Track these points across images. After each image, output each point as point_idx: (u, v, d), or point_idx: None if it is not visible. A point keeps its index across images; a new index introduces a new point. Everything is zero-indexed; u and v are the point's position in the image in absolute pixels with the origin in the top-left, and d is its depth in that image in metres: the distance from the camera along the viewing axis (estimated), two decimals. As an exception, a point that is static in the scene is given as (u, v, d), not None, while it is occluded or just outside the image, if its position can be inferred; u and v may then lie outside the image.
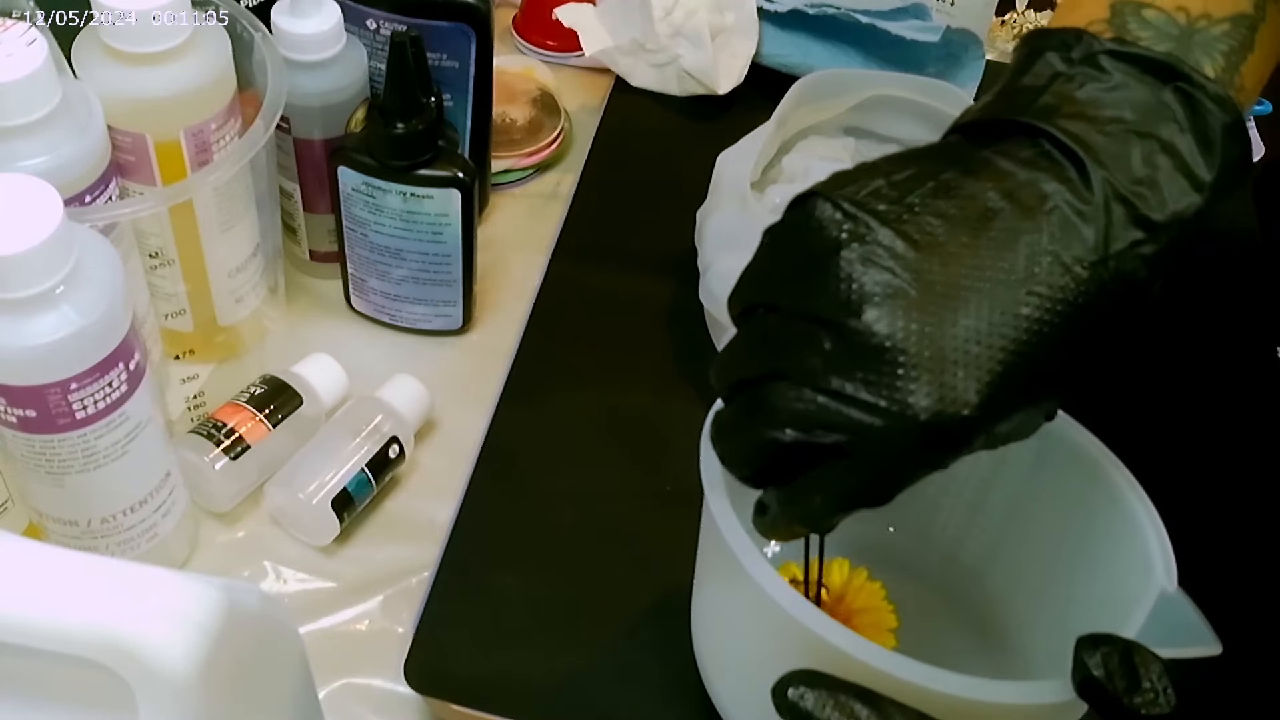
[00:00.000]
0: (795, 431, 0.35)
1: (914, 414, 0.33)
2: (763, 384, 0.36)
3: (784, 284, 0.36)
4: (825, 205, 0.35)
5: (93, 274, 0.43)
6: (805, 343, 0.35)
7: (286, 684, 0.37)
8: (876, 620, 0.49)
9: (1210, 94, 0.37)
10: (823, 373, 0.34)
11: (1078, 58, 0.38)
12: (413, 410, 0.58)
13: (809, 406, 0.35)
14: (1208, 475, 0.59)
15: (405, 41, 0.54)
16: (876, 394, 0.34)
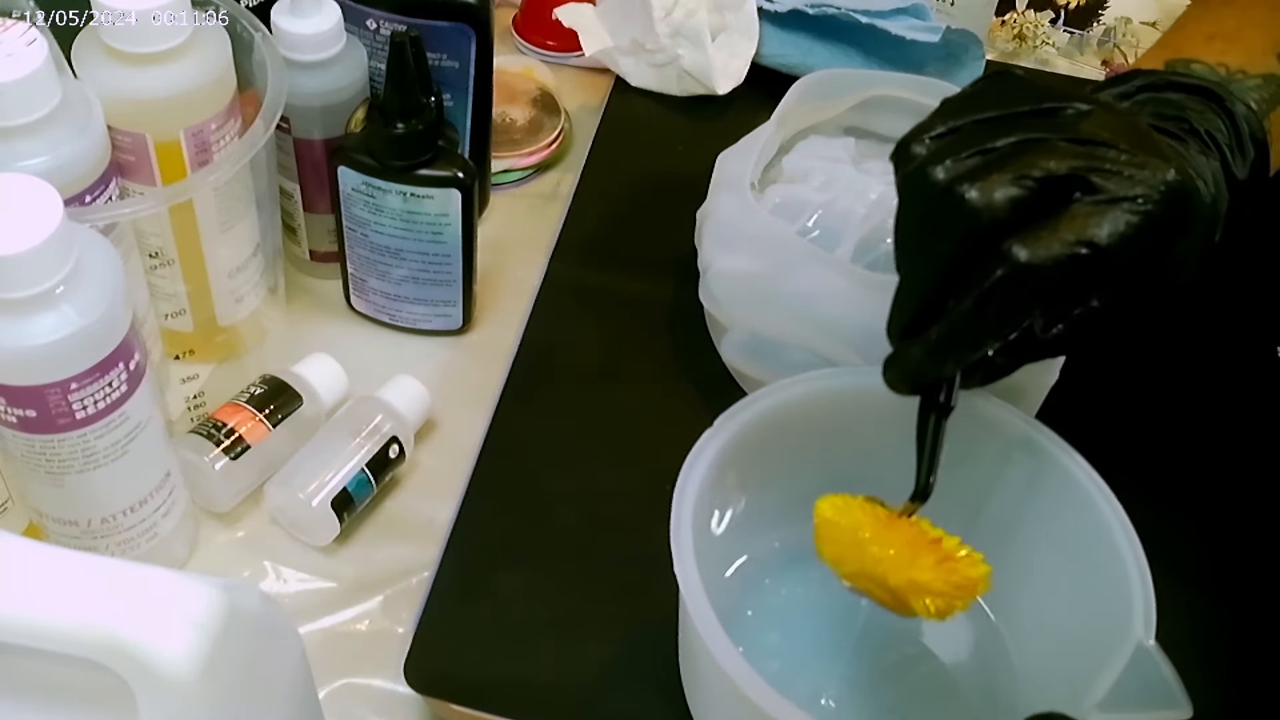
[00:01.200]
0: (1075, 161, 0.39)
1: (1168, 175, 0.39)
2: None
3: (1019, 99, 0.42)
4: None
5: (93, 274, 0.43)
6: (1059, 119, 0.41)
7: (286, 684, 0.37)
8: (970, 567, 0.44)
9: (1242, 112, 0.46)
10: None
11: (1140, 84, 0.47)
12: (413, 410, 0.58)
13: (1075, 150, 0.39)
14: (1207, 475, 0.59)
15: (405, 41, 0.54)
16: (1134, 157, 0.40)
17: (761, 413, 0.46)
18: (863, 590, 0.45)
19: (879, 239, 0.59)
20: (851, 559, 0.44)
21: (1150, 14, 0.90)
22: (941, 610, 0.42)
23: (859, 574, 0.44)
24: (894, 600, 0.43)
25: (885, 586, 0.43)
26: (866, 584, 0.44)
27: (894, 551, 0.42)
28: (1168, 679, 0.39)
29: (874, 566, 0.43)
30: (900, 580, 0.42)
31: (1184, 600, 0.44)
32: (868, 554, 0.43)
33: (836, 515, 0.44)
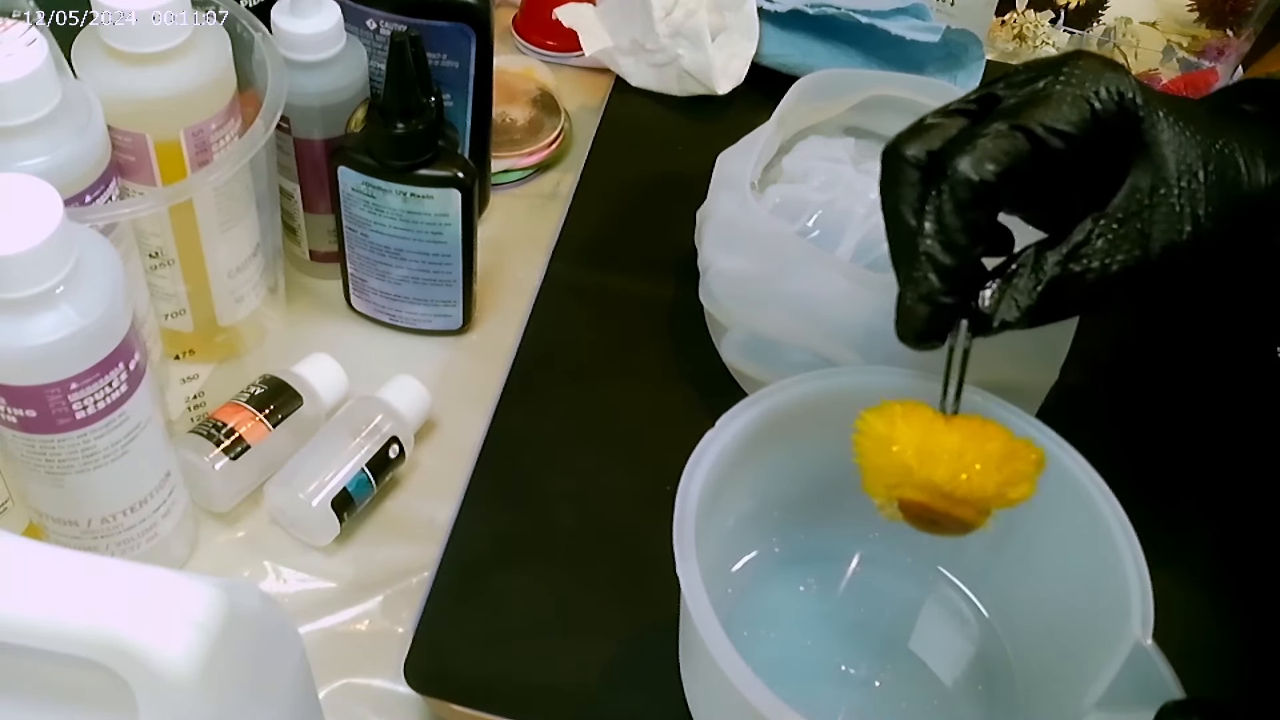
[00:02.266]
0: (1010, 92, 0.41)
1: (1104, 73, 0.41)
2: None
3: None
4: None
5: (93, 274, 0.43)
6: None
7: (286, 684, 0.37)
8: (1023, 465, 0.43)
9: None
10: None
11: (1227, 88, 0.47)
12: (413, 410, 0.58)
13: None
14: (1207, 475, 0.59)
15: (405, 41, 0.54)
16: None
17: (762, 413, 0.46)
18: (913, 503, 0.43)
19: (879, 239, 0.58)
20: (925, 466, 0.42)
21: (1150, 14, 0.90)
22: (1018, 496, 0.42)
23: (923, 483, 0.42)
24: (946, 497, 0.42)
25: (939, 485, 0.42)
26: (918, 489, 0.42)
27: (983, 464, 0.42)
28: (1165, 678, 0.39)
29: (932, 461, 0.42)
30: (961, 477, 0.42)
31: (1182, 599, 0.44)
32: (926, 449, 0.42)
33: (893, 418, 0.43)
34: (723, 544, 0.50)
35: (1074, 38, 0.89)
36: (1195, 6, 0.88)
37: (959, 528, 0.43)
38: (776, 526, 0.52)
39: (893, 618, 0.52)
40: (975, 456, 0.42)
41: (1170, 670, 0.39)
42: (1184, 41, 0.88)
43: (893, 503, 0.43)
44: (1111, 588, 0.43)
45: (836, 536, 0.53)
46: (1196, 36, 0.88)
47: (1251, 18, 0.84)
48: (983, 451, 0.42)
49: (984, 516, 0.43)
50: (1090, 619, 0.44)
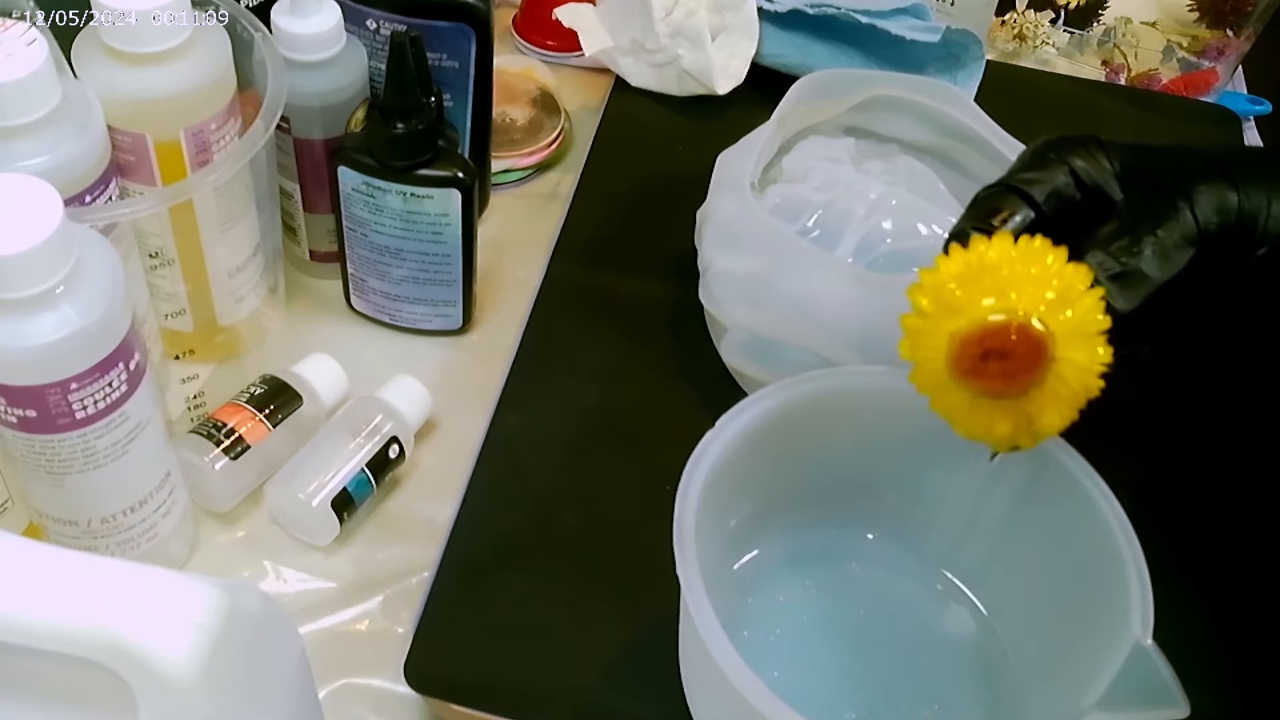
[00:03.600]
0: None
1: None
2: None
3: None
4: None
5: (93, 274, 0.43)
6: None
7: (286, 684, 0.37)
8: (1086, 319, 0.39)
9: None
10: None
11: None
12: (413, 410, 0.58)
13: None
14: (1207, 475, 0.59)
15: (405, 41, 0.54)
16: None
17: (763, 413, 0.46)
18: (966, 342, 0.40)
19: (879, 239, 0.59)
20: (979, 295, 0.40)
21: (1150, 14, 0.90)
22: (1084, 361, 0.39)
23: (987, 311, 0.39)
24: (1022, 335, 0.39)
25: (1027, 325, 0.39)
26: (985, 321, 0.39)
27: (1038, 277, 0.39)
28: (1165, 678, 0.39)
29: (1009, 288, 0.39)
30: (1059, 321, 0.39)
31: (1182, 600, 0.44)
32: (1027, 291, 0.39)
33: (956, 265, 0.40)
34: (723, 544, 0.50)
35: (1074, 38, 0.89)
36: (1195, 6, 0.88)
37: (1020, 380, 0.39)
38: (777, 526, 0.52)
39: (893, 618, 0.52)
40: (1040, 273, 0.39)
41: (1170, 670, 0.39)
42: (1184, 41, 0.88)
43: (947, 357, 0.40)
44: (1111, 588, 0.43)
45: (836, 536, 0.53)
46: (1196, 36, 0.88)
47: (1251, 18, 0.84)
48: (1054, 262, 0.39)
49: (1038, 356, 0.39)
50: (1090, 619, 0.44)
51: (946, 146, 0.65)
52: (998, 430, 0.41)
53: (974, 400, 0.41)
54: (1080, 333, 0.39)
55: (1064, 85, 0.84)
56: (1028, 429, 0.41)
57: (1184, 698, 0.38)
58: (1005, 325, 0.39)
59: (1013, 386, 0.40)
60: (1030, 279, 0.39)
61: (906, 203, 0.59)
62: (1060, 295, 0.39)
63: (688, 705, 0.47)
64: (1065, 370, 0.39)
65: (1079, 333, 0.39)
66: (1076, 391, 0.40)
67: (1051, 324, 0.39)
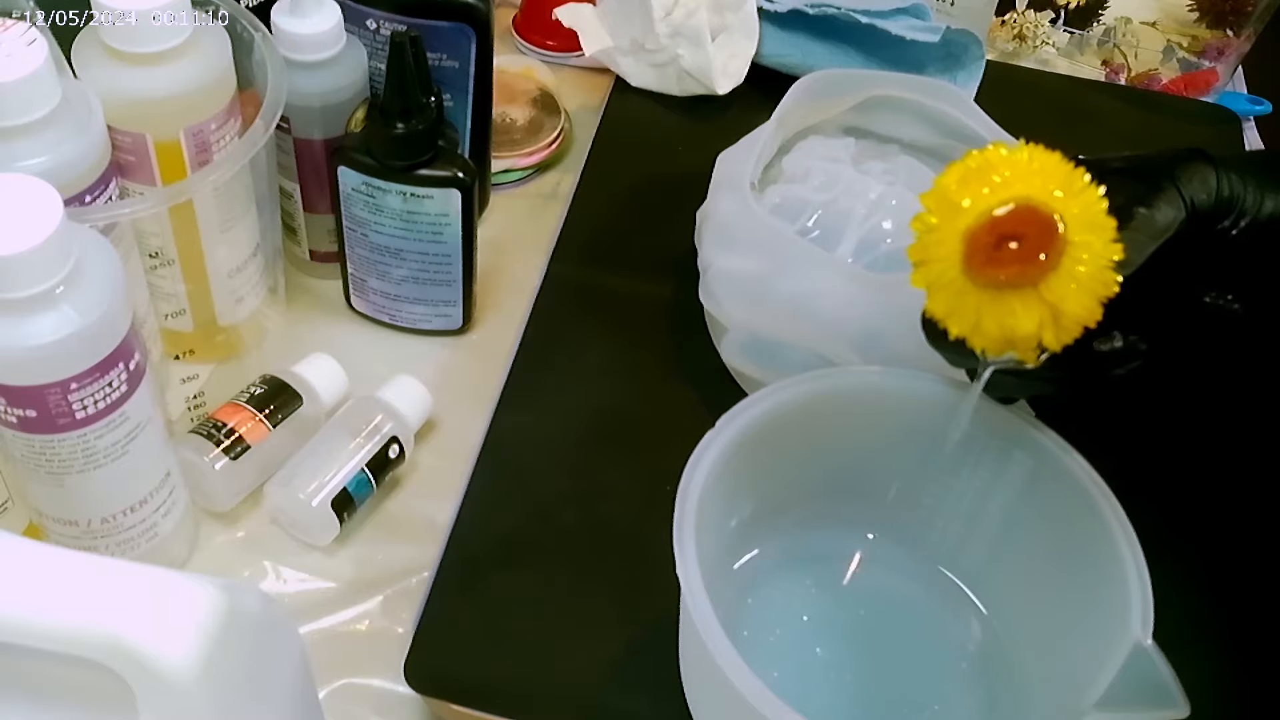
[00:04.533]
0: None
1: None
2: None
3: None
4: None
5: (93, 274, 0.43)
6: None
7: (286, 684, 0.37)
8: (1093, 209, 0.39)
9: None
10: None
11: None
12: (413, 410, 0.58)
13: None
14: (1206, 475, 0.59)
15: (405, 41, 0.54)
16: None
17: (762, 413, 0.46)
18: (979, 228, 0.39)
19: (879, 239, 0.59)
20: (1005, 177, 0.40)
21: (1150, 14, 0.90)
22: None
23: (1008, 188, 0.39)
24: (1043, 212, 0.39)
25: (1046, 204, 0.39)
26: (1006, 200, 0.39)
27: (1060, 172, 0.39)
28: (1165, 678, 0.39)
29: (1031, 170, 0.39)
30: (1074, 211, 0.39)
31: (1182, 600, 0.44)
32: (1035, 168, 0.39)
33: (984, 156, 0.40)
34: (723, 544, 0.50)
35: (1074, 38, 0.89)
36: (1195, 6, 0.88)
37: (1038, 262, 0.39)
38: (777, 526, 0.52)
39: (893, 618, 0.52)
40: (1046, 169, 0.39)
41: (1170, 670, 0.39)
42: (1184, 41, 0.88)
43: (961, 262, 0.40)
44: (1111, 588, 0.43)
45: (837, 536, 0.53)
46: (1196, 36, 0.88)
47: (1251, 18, 0.84)
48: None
49: (1054, 238, 0.39)
50: (1090, 619, 0.44)
51: (946, 146, 0.65)
52: (1022, 327, 0.40)
53: (994, 299, 0.40)
54: (1089, 221, 0.39)
55: (1064, 85, 0.84)
56: (1053, 323, 0.40)
57: (1184, 698, 0.38)
58: (1014, 209, 0.39)
59: (1031, 269, 0.39)
60: (1034, 173, 0.39)
61: (906, 203, 0.59)
62: (1064, 189, 0.39)
63: (688, 705, 0.47)
64: (1080, 252, 0.39)
65: (1088, 220, 0.39)
66: (1094, 275, 0.39)
67: (1060, 210, 0.39)
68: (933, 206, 0.40)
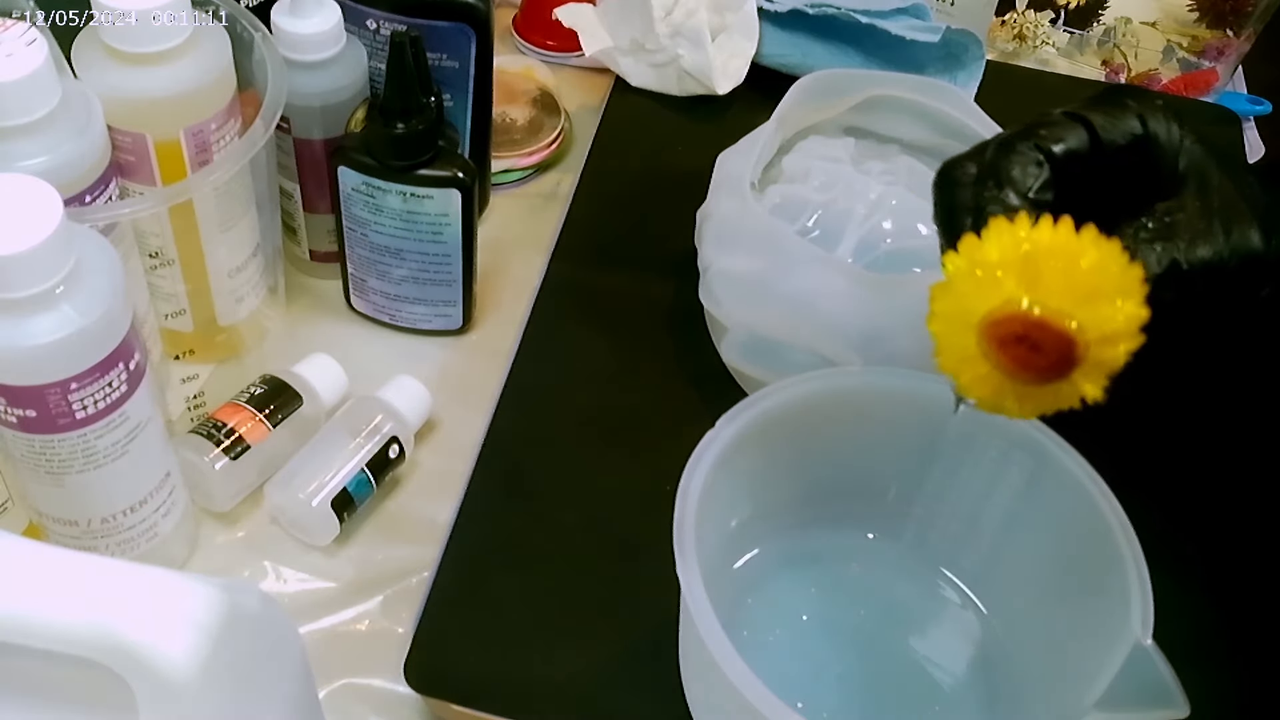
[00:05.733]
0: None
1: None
2: None
3: None
4: None
5: (93, 274, 0.43)
6: None
7: (286, 684, 0.37)
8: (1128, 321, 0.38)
9: None
10: None
11: None
12: (413, 410, 0.58)
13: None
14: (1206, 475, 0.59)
15: (405, 41, 0.54)
16: None
17: (762, 413, 0.46)
18: (1005, 331, 0.38)
19: (879, 239, 0.59)
20: (1017, 278, 0.38)
21: (1150, 14, 0.90)
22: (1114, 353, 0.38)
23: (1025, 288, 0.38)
24: (1057, 319, 0.37)
25: (1062, 309, 0.37)
26: (1024, 302, 0.37)
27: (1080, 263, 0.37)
28: (1165, 678, 0.39)
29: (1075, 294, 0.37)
30: (1102, 311, 0.37)
31: (1182, 600, 0.44)
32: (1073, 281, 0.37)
33: (991, 252, 0.38)
34: (723, 544, 0.50)
35: (1074, 38, 0.89)
36: (1195, 6, 0.88)
37: (1043, 364, 0.38)
38: (777, 526, 0.52)
39: (893, 618, 0.52)
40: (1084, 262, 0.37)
41: (1170, 670, 0.39)
42: (1184, 41, 0.88)
43: (976, 348, 0.39)
44: (1111, 588, 0.43)
45: (837, 536, 0.53)
46: (1196, 36, 0.88)
47: (1251, 18, 0.84)
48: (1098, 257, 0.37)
49: (1074, 344, 0.37)
50: (1090, 619, 0.44)
51: (946, 146, 0.65)
52: (1048, 408, 0.39)
53: (999, 377, 0.39)
54: (1118, 333, 0.37)
55: (1064, 85, 0.84)
56: (1052, 406, 0.39)
57: (1184, 698, 0.38)
58: (1037, 321, 0.37)
59: (1035, 378, 0.38)
60: (1074, 273, 0.37)
61: (906, 203, 0.59)
62: (1103, 294, 0.37)
63: (688, 705, 0.47)
64: (1103, 350, 0.38)
65: (1116, 334, 0.37)
66: (1121, 356, 0.38)
67: (1088, 326, 0.37)
68: (956, 267, 0.39)
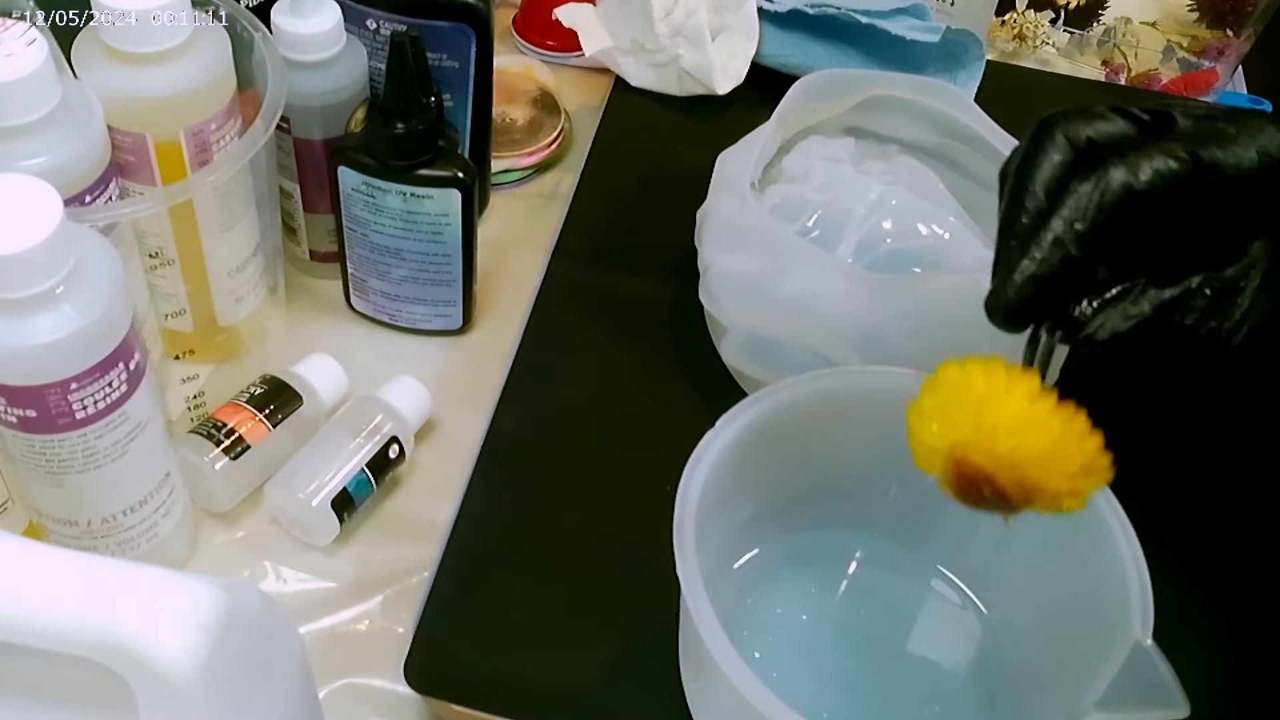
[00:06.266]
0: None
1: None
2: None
3: None
4: None
5: (93, 274, 0.43)
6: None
7: (286, 684, 0.37)
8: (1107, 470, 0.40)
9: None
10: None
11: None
12: (413, 410, 0.58)
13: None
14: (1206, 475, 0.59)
15: (405, 41, 0.54)
16: None
17: (762, 413, 0.46)
18: (963, 465, 0.40)
19: (879, 239, 0.59)
20: (984, 433, 0.40)
21: (1150, 14, 0.90)
22: (1071, 506, 0.40)
23: (1008, 464, 0.40)
24: (1014, 486, 0.40)
25: (1023, 479, 0.40)
26: (985, 459, 0.40)
27: (1046, 445, 0.39)
28: (1165, 678, 0.39)
29: (1036, 460, 0.40)
30: (1059, 486, 0.40)
31: (1182, 600, 0.44)
32: (1029, 443, 0.40)
33: (979, 382, 0.40)
34: (723, 544, 0.50)
35: (1074, 38, 0.89)
36: (1195, 6, 0.88)
37: (1001, 506, 0.41)
38: (777, 526, 0.52)
39: (893, 618, 0.52)
40: (1056, 435, 0.40)
41: (1170, 670, 0.39)
42: (1184, 41, 0.88)
43: (942, 464, 0.41)
44: (1111, 588, 0.43)
45: (837, 536, 0.53)
46: (1196, 36, 0.88)
47: (1251, 18, 0.84)
48: (1065, 431, 0.40)
49: (1030, 501, 0.40)
50: (1090, 619, 0.44)
51: (946, 146, 0.65)
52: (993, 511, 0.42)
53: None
54: (1069, 499, 0.40)
55: (1064, 85, 0.84)
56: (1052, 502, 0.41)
57: (1184, 698, 0.38)
58: (989, 476, 0.40)
59: (982, 505, 0.41)
60: (1040, 445, 0.39)
61: (906, 203, 0.59)
62: (1064, 472, 0.39)
63: (688, 705, 0.47)
64: (1061, 501, 0.40)
65: (1067, 500, 0.40)
66: (1079, 478, 0.40)
67: (1039, 497, 0.40)
68: (930, 402, 0.41)
